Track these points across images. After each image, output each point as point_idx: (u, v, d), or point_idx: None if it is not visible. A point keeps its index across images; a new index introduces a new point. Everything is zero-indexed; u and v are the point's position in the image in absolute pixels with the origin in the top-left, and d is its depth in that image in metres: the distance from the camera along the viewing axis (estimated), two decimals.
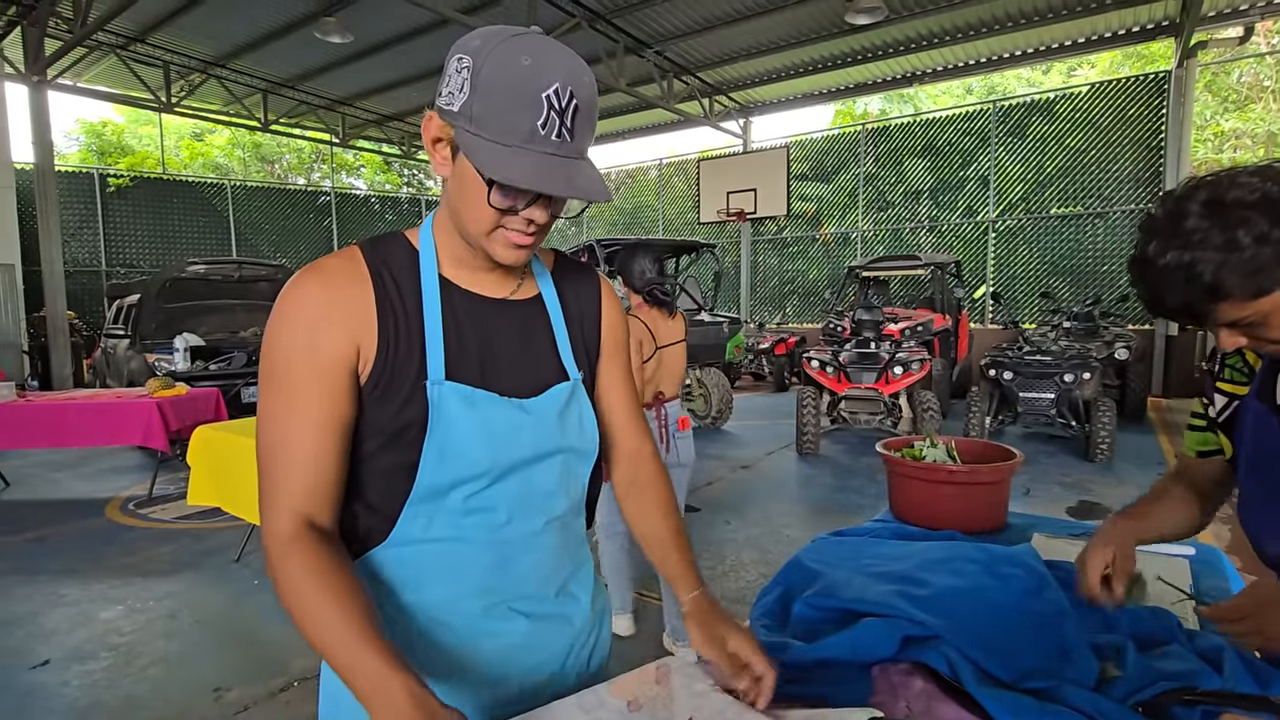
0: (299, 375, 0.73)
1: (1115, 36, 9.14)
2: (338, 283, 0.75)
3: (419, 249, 0.81)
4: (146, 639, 2.76)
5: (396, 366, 0.76)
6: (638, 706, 0.78)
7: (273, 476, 0.73)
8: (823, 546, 1.39)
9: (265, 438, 0.74)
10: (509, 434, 0.80)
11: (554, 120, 0.68)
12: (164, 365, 6.02)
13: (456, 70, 0.70)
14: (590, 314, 0.94)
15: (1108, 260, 9.29)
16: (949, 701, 0.96)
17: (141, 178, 13.05)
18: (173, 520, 4.36)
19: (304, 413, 0.73)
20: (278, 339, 0.73)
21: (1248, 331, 0.86)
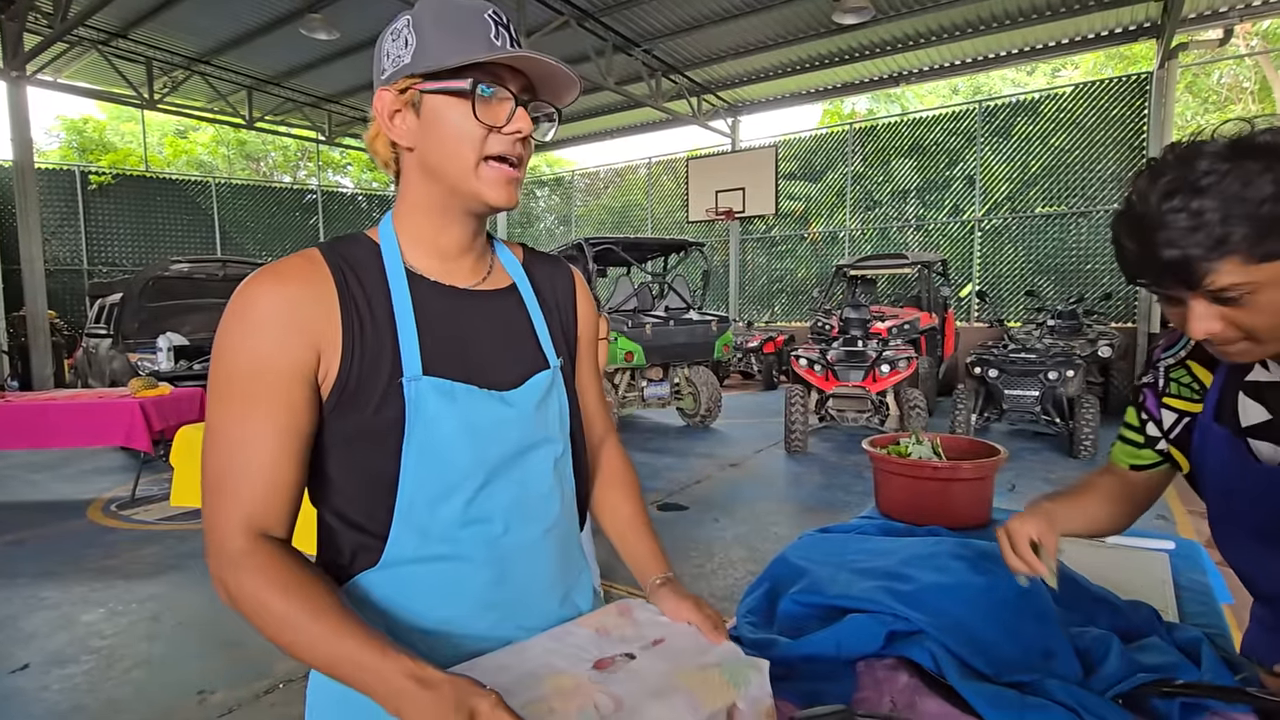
0: (254, 381, 0.68)
1: (1098, 38, 9.23)
2: (296, 285, 0.70)
3: (380, 243, 0.78)
4: (128, 641, 2.72)
5: (366, 368, 0.72)
6: (605, 633, 0.78)
7: (222, 488, 0.68)
8: (809, 543, 1.40)
9: (215, 448, 0.69)
10: (493, 429, 0.77)
11: (503, 34, 0.72)
12: (147, 365, 5.95)
13: (394, 38, 0.72)
14: (566, 303, 0.92)
15: (1091, 259, 9.39)
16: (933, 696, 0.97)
17: (124, 175, 12.88)
18: (156, 522, 4.31)
19: (260, 420, 0.68)
20: (231, 344, 0.69)
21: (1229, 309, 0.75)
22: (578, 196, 15.17)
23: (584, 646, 0.74)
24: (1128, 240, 0.78)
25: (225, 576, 0.66)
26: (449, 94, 0.71)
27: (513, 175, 0.74)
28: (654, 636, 0.78)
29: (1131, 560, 1.41)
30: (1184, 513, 4.20)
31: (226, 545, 0.67)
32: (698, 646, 0.78)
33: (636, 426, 7.50)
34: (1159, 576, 1.32)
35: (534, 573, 0.82)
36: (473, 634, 0.78)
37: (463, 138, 0.71)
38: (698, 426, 7.28)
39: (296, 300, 0.70)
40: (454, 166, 0.73)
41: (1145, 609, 1.10)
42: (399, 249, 0.78)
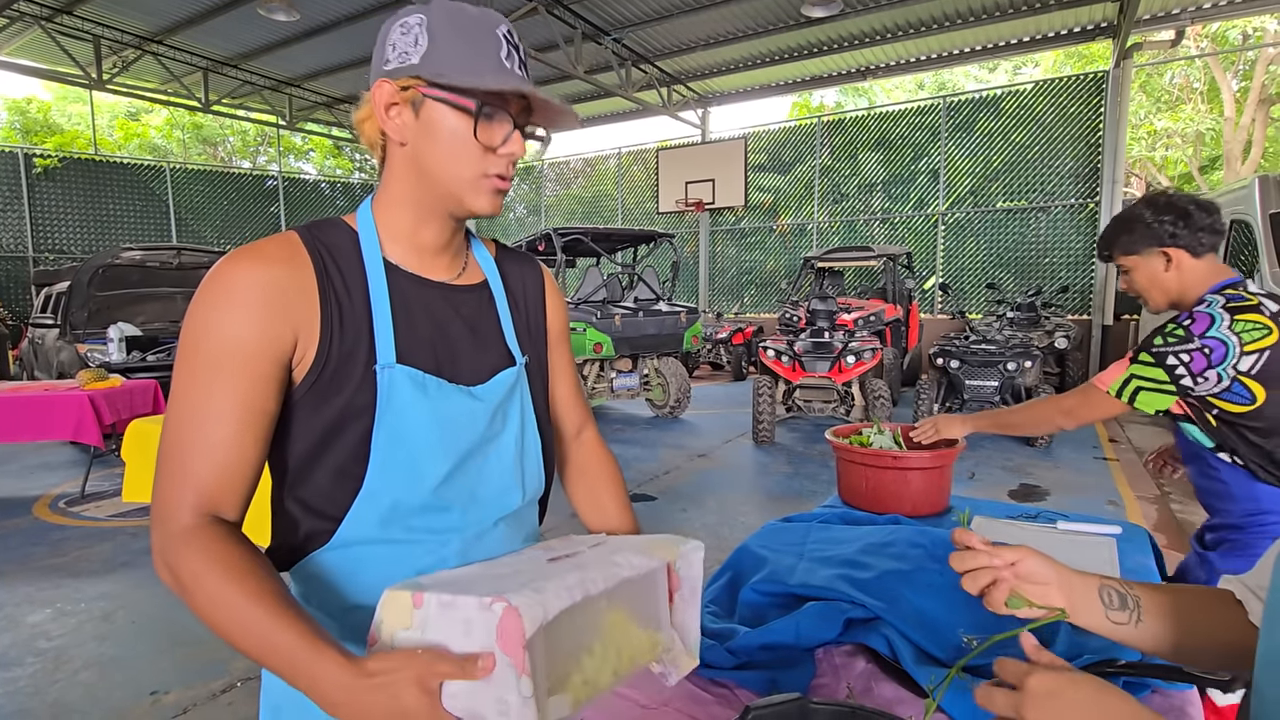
0: (225, 358, 0.67)
1: (1058, 36, 9.45)
2: (277, 266, 0.70)
3: (358, 231, 0.78)
4: (77, 642, 2.63)
5: (343, 355, 0.73)
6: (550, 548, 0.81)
7: (177, 462, 0.67)
8: (771, 532, 1.41)
9: (175, 421, 0.68)
10: (460, 423, 0.78)
11: (513, 54, 0.74)
12: (97, 356, 5.74)
13: (404, 31, 0.72)
14: (535, 300, 0.94)
15: (1050, 253, 9.65)
16: (888, 681, 0.99)
17: (71, 158, 12.35)
18: (107, 518, 4.17)
19: (225, 397, 0.67)
20: (205, 318, 0.68)
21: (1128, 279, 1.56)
22: (548, 186, 15.03)
23: (533, 556, 0.78)
24: None
25: (168, 552, 0.65)
26: (452, 106, 0.72)
27: (502, 188, 0.77)
28: (596, 541, 0.83)
29: (1080, 545, 1.45)
30: (1133, 498, 4.36)
31: (173, 520, 0.66)
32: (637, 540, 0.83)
33: (605, 418, 7.50)
34: (1106, 560, 1.36)
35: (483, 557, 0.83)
36: None
37: (459, 151, 0.73)
38: (667, 417, 7.31)
39: (277, 282, 0.70)
40: (447, 174, 0.74)
41: None
42: (378, 239, 0.78)
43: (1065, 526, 1.56)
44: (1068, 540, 1.48)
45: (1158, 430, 6.32)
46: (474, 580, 0.66)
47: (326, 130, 14.75)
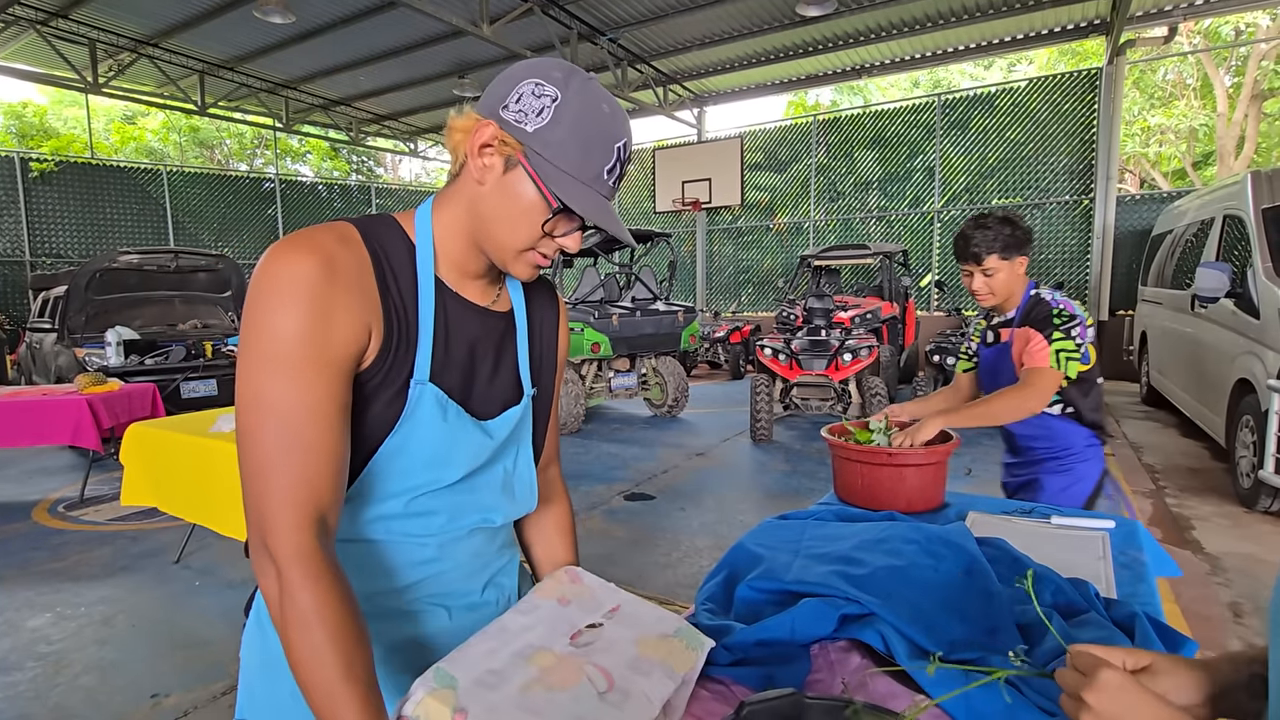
0: (316, 357, 0.67)
1: (1051, 34, 9.47)
2: (343, 262, 0.70)
3: (415, 243, 0.79)
4: (78, 646, 2.64)
5: (396, 362, 0.74)
6: (566, 602, 0.84)
7: (287, 469, 0.65)
8: (766, 529, 1.42)
9: (274, 424, 0.66)
10: (466, 453, 0.80)
11: (616, 168, 0.76)
12: (95, 360, 5.74)
13: (535, 94, 0.72)
14: (550, 332, 0.97)
15: (1044, 250, 9.67)
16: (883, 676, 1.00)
17: (68, 162, 12.31)
18: (106, 522, 4.17)
19: (322, 397, 0.67)
20: (278, 317, 0.66)
21: (988, 280, 1.90)
22: None
23: (554, 619, 0.80)
24: (959, 242, 1.91)
25: (285, 575, 0.64)
26: (539, 187, 0.74)
27: (542, 265, 0.80)
28: (610, 604, 0.85)
29: (1073, 539, 1.46)
30: (1129, 492, 4.38)
31: (294, 537, 0.65)
32: (652, 615, 0.85)
33: (604, 417, 7.51)
34: (1098, 554, 1.37)
35: (459, 560, 0.86)
36: (388, 608, 0.81)
37: (522, 225, 0.75)
38: (665, 416, 7.32)
39: (348, 277, 0.70)
40: (501, 236, 0.77)
41: (1084, 586, 1.15)
42: (433, 253, 0.79)
43: (1059, 521, 1.57)
44: (1061, 535, 1.49)
45: (1154, 425, 6.34)
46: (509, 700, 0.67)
47: (323, 132, 14.73)
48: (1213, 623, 2.70)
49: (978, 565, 1.15)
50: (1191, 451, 5.39)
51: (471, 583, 0.88)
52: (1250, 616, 2.75)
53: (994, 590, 1.10)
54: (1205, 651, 2.13)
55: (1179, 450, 5.45)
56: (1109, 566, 1.33)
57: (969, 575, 1.14)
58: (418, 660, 0.82)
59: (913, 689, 0.96)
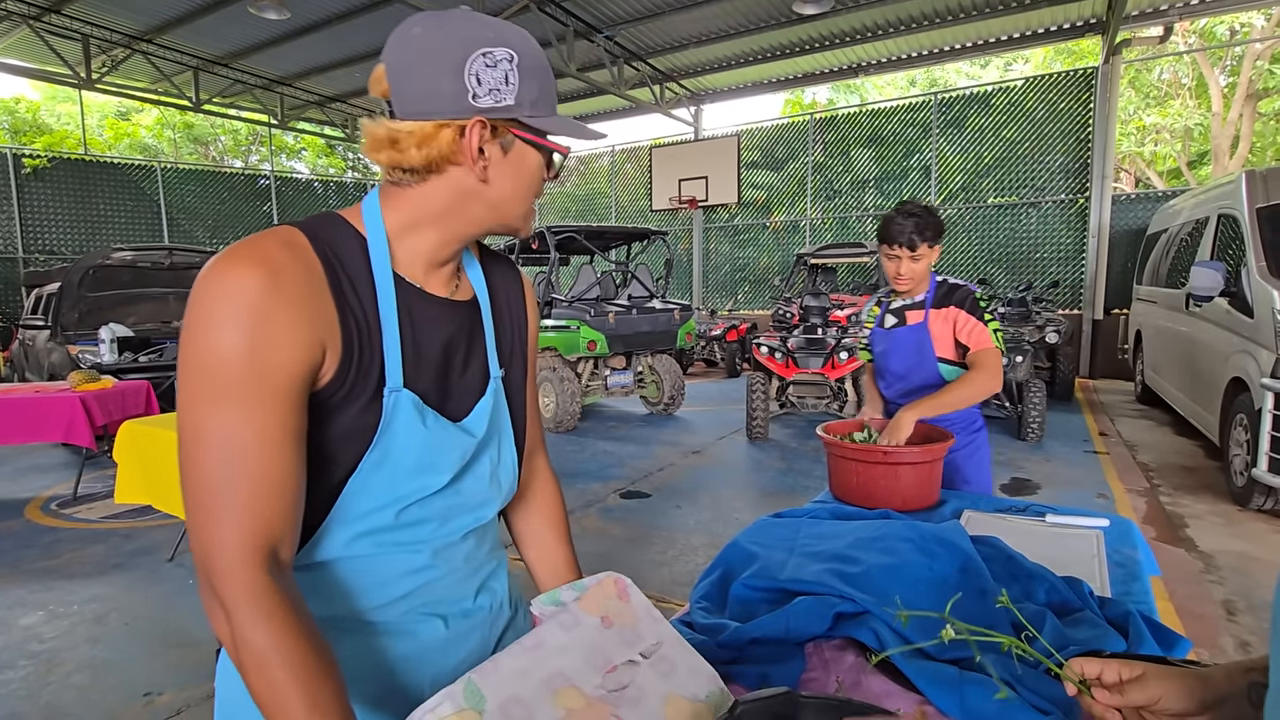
0: (262, 381, 0.62)
1: (1048, 33, 9.49)
2: (290, 273, 0.65)
3: (367, 238, 0.74)
4: (70, 645, 2.63)
5: (359, 374, 0.70)
6: (610, 623, 0.82)
7: (233, 505, 0.61)
8: (762, 528, 1.42)
9: (217, 457, 0.61)
10: (449, 456, 0.77)
11: None
12: (88, 358, 5.71)
13: (490, 64, 0.69)
14: (518, 313, 0.93)
15: (1040, 248, 9.69)
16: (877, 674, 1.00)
17: (61, 159, 12.25)
18: (100, 520, 4.15)
19: (271, 425, 0.62)
20: (218, 338, 0.61)
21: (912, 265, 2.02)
22: None
23: (592, 643, 0.78)
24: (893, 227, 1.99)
25: (235, 617, 0.60)
26: (537, 148, 0.76)
27: None
28: (651, 638, 0.83)
29: (1067, 538, 1.47)
30: (1123, 491, 4.39)
31: (242, 577, 0.60)
32: (688, 664, 0.82)
33: (600, 415, 7.50)
34: (1092, 553, 1.37)
35: (453, 567, 0.83)
36: (382, 623, 0.77)
37: (532, 186, 0.77)
38: (661, 414, 7.32)
39: (298, 290, 0.65)
40: (514, 207, 0.77)
41: (1079, 585, 1.15)
42: (388, 249, 0.75)
43: (1053, 519, 1.57)
44: (1056, 534, 1.50)
45: (1148, 424, 6.36)
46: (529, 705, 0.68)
47: (319, 129, 14.68)
48: (1206, 621, 2.71)
49: (972, 564, 1.15)
50: (1185, 450, 5.41)
51: (465, 588, 0.85)
52: (1243, 614, 2.77)
53: (988, 589, 1.10)
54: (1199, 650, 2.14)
55: (1173, 448, 5.47)
56: (1103, 565, 1.34)
57: (964, 574, 1.13)
58: (417, 675, 0.79)
59: (907, 687, 0.96)
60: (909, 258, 2.00)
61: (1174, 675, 0.66)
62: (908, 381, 2.11)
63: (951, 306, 2.03)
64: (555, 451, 5.77)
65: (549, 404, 6.53)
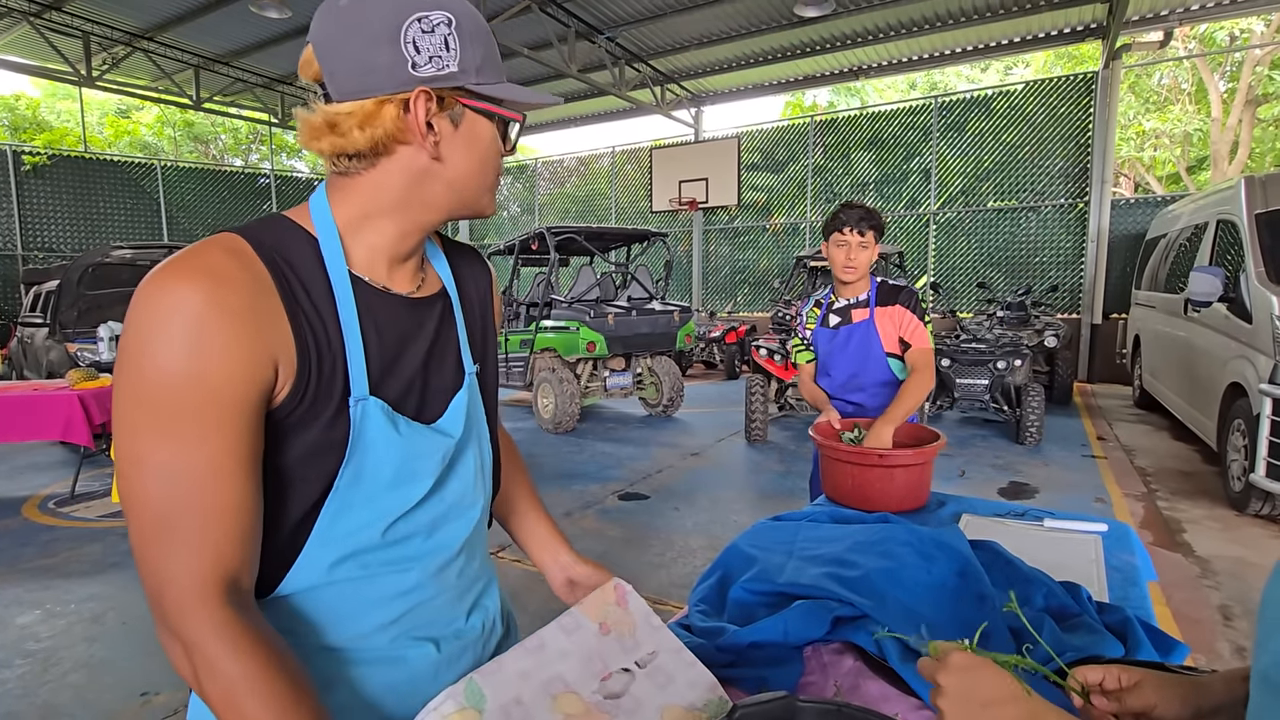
0: (209, 405, 0.58)
1: (1048, 37, 9.50)
2: (238, 286, 0.60)
3: (318, 238, 0.69)
4: (67, 644, 2.62)
5: (320, 387, 0.65)
6: (608, 630, 0.82)
7: (183, 538, 0.58)
8: (760, 531, 1.42)
9: (163, 488, 0.58)
10: (427, 461, 0.73)
11: None
12: (87, 355, 5.71)
13: (427, 30, 0.64)
14: (485, 304, 0.89)
15: (1040, 252, 9.70)
16: (875, 679, 1.00)
17: (61, 156, 12.24)
18: (98, 519, 4.15)
19: (221, 452, 0.59)
20: (169, 360, 0.56)
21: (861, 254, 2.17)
22: (541, 184, 15.01)
23: (591, 649, 0.79)
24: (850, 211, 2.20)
25: (195, 655, 0.58)
26: (489, 118, 0.71)
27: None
28: (648, 646, 0.83)
29: (1065, 542, 1.47)
30: (1120, 495, 4.40)
31: (198, 613, 0.57)
32: (686, 676, 0.82)
33: (599, 416, 7.50)
34: (1090, 558, 1.38)
35: (443, 589, 0.78)
36: (369, 655, 0.73)
37: (489, 160, 0.72)
38: (660, 416, 7.32)
39: (245, 305, 0.60)
40: (474, 184, 0.72)
41: (1077, 590, 1.15)
42: (341, 248, 0.69)
43: (1051, 524, 1.58)
44: (1054, 538, 1.50)
45: (1146, 428, 6.37)
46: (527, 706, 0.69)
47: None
48: (1203, 626, 2.72)
49: (971, 568, 1.15)
50: (1183, 455, 5.42)
51: (457, 608, 0.81)
52: (1240, 620, 2.77)
53: (986, 593, 1.10)
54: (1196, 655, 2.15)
55: (1171, 453, 5.48)
56: (1101, 569, 1.34)
57: (962, 578, 1.14)
58: (408, 704, 0.73)
59: (905, 692, 0.96)
60: (858, 243, 2.15)
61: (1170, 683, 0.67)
62: (858, 377, 2.26)
63: (898, 305, 2.21)
64: (554, 453, 5.77)
65: (548, 405, 6.53)
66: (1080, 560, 1.37)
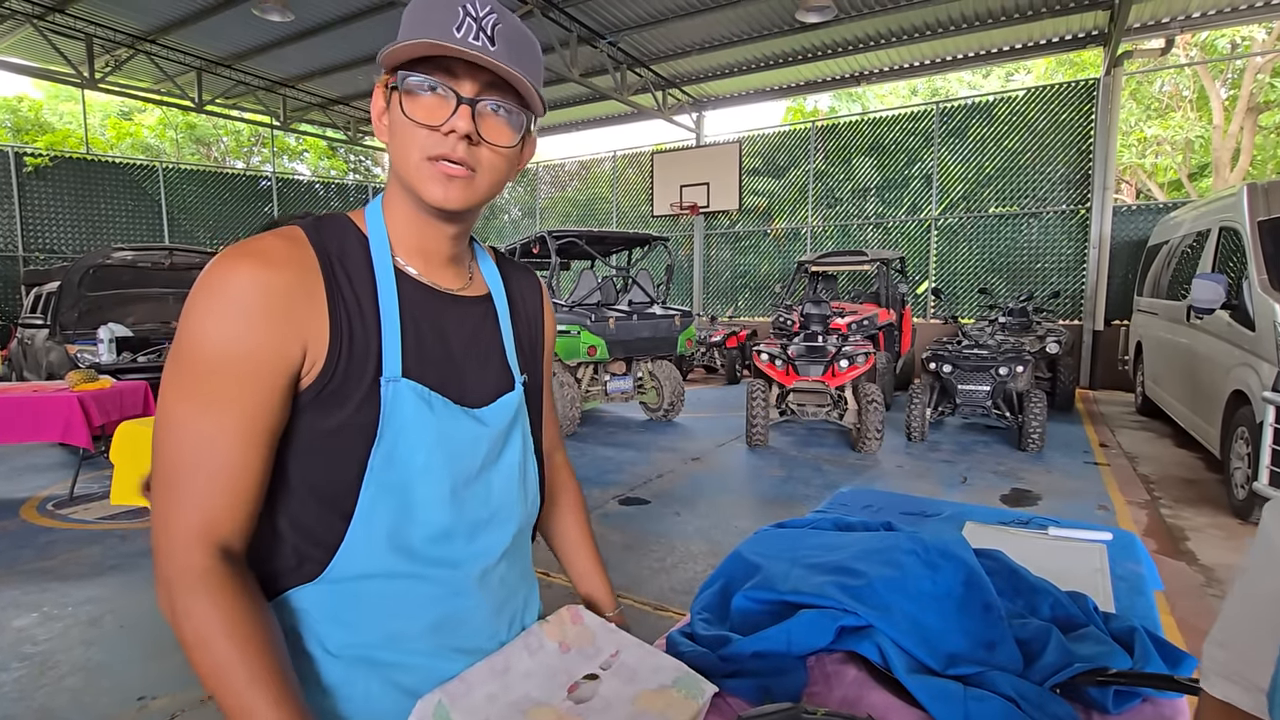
0: (229, 374, 0.62)
1: (1050, 44, 9.52)
2: (282, 270, 0.65)
3: (368, 234, 0.74)
4: (64, 647, 2.61)
5: (351, 368, 0.68)
6: (568, 648, 0.84)
7: (181, 489, 0.63)
8: (763, 538, 1.41)
9: (174, 442, 0.63)
10: (463, 447, 0.75)
11: (470, 25, 0.65)
12: (87, 357, 5.70)
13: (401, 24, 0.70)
14: (535, 316, 0.92)
15: (1041, 258, 9.70)
16: (880, 690, 0.99)
17: (63, 157, 12.26)
18: (96, 521, 4.13)
19: (232, 419, 0.63)
20: (203, 326, 0.62)
21: None
22: (542, 188, 15.03)
23: (554, 666, 0.81)
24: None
25: (175, 593, 0.62)
26: (389, 88, 0.70)
27: (452, 173, 0.68)
28: (609, 649, 0.85)
29: (1070, 551, 1.46)
30: (1123, 502, 4.38)
31: (181, 558, 0.62)
32: (650, 664, 0.85)
33: (599, 420, 7.49)
34: (1095, 567, 1.36)
35: (485, 597, 0.79)
36: (408, 661, 0.74)
37: (404, 135, 0.68)
38: (660, 420, 7.30)
39: (285, 287, 0.65)
40: (400, 163, 0.70)
41: (1083, 599, 1.14)
42: (388, 243, 0.74)
43: (1056, 533, 1.56)
44: (1058, 547, 1.48)
45: (1149, 435, 6.36)
46: None
47: (321, 131, 14.71)
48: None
49: (976, 577, 1.14)
50: (1186, 462, 5.40)
51: (497, 622, 0.82)
52: None
53: (992, 603, 1.09)
54: None
55: (1174, 461, 5.46)
56: (1107, 579, 1.33)
57: (967, 587, 1.12)
58: None
59: (910, 703, 0.95)
60: None
61: None
62: None
63: None
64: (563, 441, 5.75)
65: None
66: (1085, 569, 1.36)
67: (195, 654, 0.61)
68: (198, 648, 0.61)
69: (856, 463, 5.44)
